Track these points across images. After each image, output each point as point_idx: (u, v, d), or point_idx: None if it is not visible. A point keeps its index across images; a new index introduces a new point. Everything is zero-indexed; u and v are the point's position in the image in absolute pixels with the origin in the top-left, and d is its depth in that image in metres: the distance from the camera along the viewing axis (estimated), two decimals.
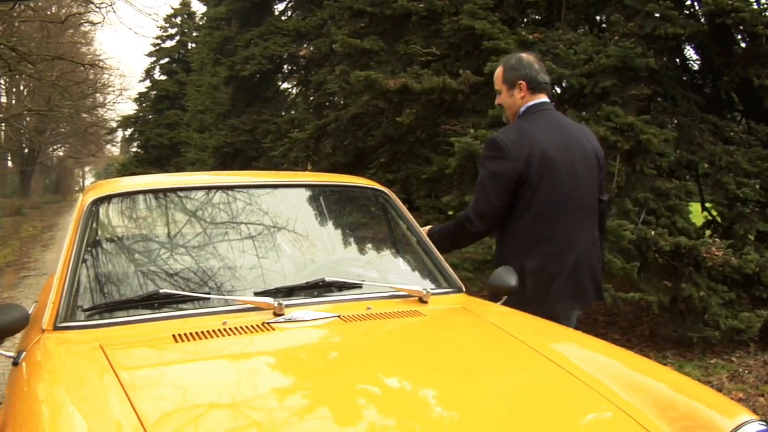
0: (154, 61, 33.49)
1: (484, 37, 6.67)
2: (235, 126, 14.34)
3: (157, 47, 32.95)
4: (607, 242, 5.50)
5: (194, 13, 31.59)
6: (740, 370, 5.49)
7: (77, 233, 2.76)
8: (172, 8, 32.69)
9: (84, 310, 2.54)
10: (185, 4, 32.58)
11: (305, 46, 12.77)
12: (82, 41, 35.94)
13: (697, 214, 7.26)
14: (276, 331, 2.39)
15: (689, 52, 7.77)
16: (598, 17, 7.96)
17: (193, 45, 29.43)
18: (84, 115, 34.79)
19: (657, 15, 6.19)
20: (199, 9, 29.29)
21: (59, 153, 57.78)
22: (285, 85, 16.43)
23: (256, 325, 2.41)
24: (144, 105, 34.35)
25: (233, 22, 16.13)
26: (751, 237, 6.11)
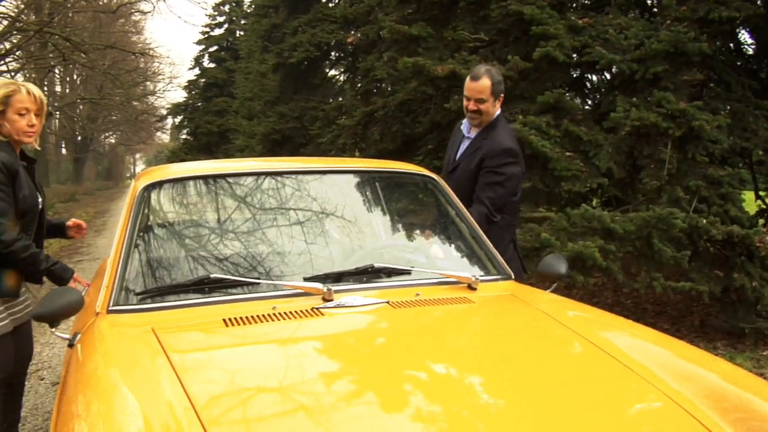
0: (203, 49, 33.71)
1: (533, 22, 6.59)
2: (283, 113, 14.39)
3: (206, 35, 33.16)
4: (657, 230, 5.45)
5: (242, 1, 31.70)
6: None
7: (130, 218, 2.81)
8: None
9: (136, 294, 2.58)
10: None
11: (353, 32, 12.73)
12: (133, 30, 36.52)
13: (751, 202, 7.12)
14: (325, 317, 2.40)
15: (744, 36, 7.58)
16: (650, 1, 7.82)
17: (242, 33, 29.56)
18: (135, 103, 35.30)
19: None
20: None
21: (111, 140, 58.77)
22: (332, 72, 16.44)
23: (306, 310, 2.42)
24: (193, 92, 34.62)
25: (281, 10, 16.17)
26: None
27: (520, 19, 6.80)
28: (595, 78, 7.97)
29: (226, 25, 32.72)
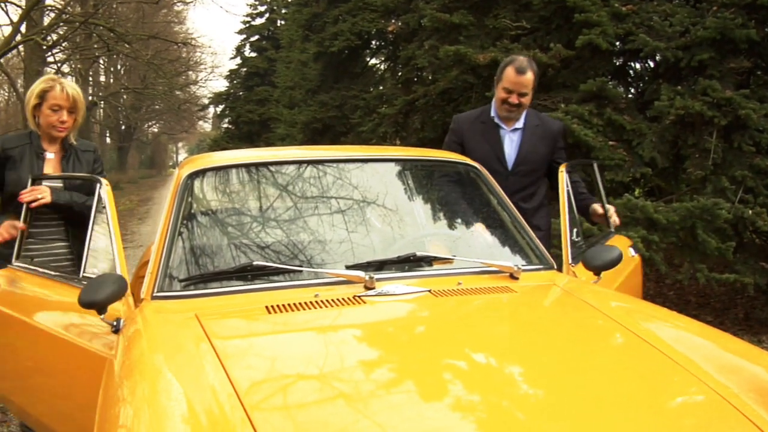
0: (245, 39, 33.87)
1: (576, 9, 6.51)
2: (324, 102, 14.41)
3: (247, 25, 33.30)
4: (701, 221, 5.37)
5: None
6: None
7: (173, 206, 2.84)
8: None
9: (180, 281, 2.61)
10: None
11: (393, 21, 12.69)
12: (175, 20, 36.87)
13: None
14: (367, 305, 2.41)
15: None
16: None
17: (282, 22, 29.62)
18: (177, 93, 35.64)
19: None
20: None
21: (154, 129, 59.40)
22: (373, 61, 16.39)
23: (348, 298, 2.43)
24: (235, 82, 34.83)
25: None
26: None
27: (563, 7, 6.73)
28: (638, 66, 7.84)
29: (267, 15, 32.82)
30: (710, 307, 6.92)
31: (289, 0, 24.86)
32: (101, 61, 32.07)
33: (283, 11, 29.96)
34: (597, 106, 6.29)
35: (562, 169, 3.48)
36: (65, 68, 27.29)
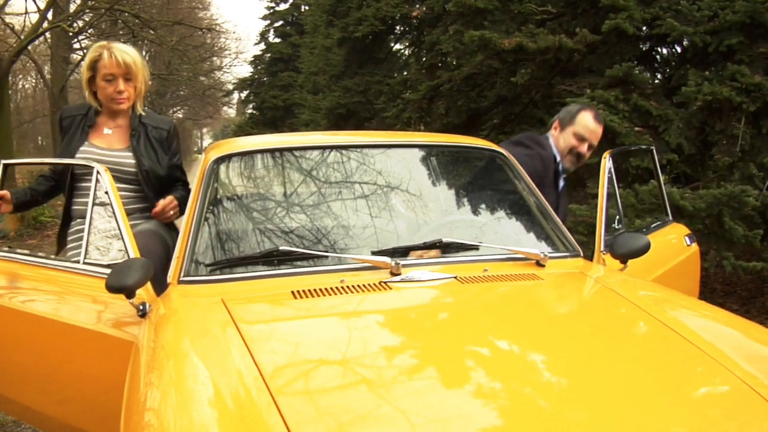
0: (269, 24, 33.93)
1: None
2: (348, 87, 14.43)
3: (272, 10, 33.34)
4: (728, 208, 5.32)
5: None
6: None
7: (200, 191, 2.85)
8: None
9: (207, 266, 2.62)
10: None
11: (418, 6, 12.65)
12: (200, 6, 36.88)
13: None
14: (393, 291, 2.40)
15: None
16: None
17: (307, 7, 29.61)
18: (202, 78, 35.72)
19: None
20: None
21: (179, 115, 59.56)
22: (397, 46, 16.37)
23: (374, 284, 2.43)
24: (259, 67, 34.93)
25: None
26: None
27: None
28: (665, 51, 7.77)
29: (291, 0, 32.83)
30: (736, 296, 6.86)
31: None
32: None
33: None
34: (623, 92, 6.23)
35: (606, 156, 3.44)
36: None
